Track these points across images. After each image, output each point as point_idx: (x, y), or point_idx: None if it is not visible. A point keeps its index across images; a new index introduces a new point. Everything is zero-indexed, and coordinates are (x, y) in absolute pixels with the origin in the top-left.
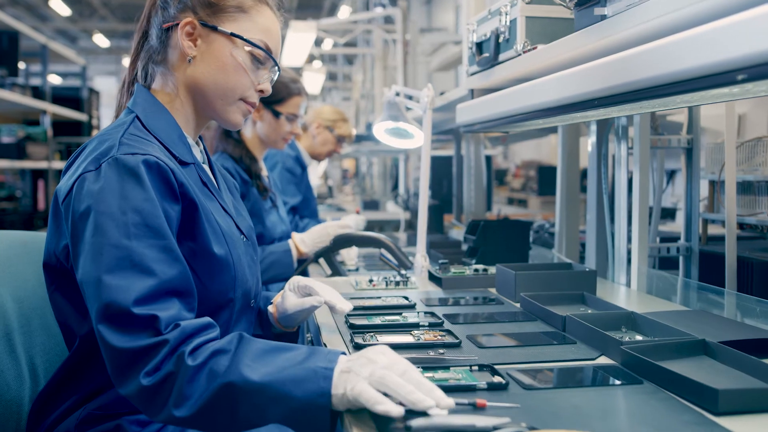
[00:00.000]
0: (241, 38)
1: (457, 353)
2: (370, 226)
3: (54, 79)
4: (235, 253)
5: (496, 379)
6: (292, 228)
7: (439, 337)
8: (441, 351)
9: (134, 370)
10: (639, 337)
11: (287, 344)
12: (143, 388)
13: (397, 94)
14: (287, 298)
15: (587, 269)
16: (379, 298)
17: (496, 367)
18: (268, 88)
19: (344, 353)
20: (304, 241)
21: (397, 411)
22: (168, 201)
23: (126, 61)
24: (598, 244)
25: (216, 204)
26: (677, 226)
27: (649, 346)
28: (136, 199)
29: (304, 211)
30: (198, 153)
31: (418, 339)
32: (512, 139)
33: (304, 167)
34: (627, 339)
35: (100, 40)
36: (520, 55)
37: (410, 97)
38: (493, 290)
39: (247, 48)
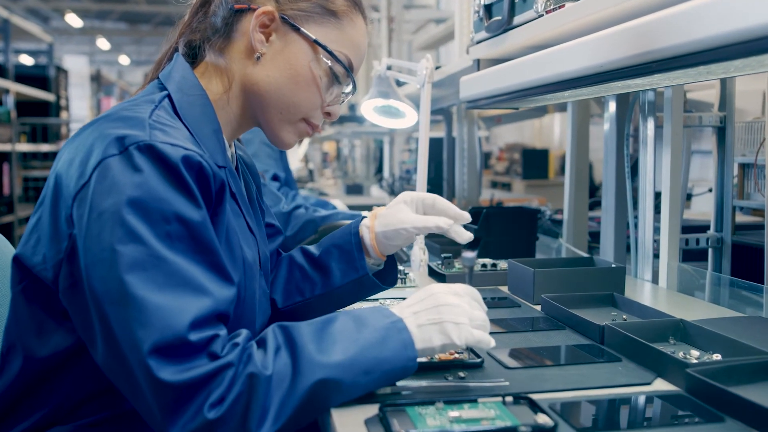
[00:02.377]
0: (326, 49)
1: (481, 377)
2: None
3: (26, 61)
4: (250, 287)
5: (541, 418)
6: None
7: (456, 355)
8: (461, 374)
9: (194, 404)
10: (695, 353)
11: (325, 318)
12: (210, 423)
13: (389, 68)
14: (400, 212)
15: (614, 265)
16: (376, 300)
17: (534, 397)
18: (337, 112)
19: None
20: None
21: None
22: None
23: (101, 42)
24: (617, 235)
25: (242, 221)
26: (693, 213)
27: (719, 369)
28: (179, 204)
29: (282, 182)
30: (229, 156)
31: (432, 357)
32: (503, 119)
33: None
34: (682, 355)
35: (73, 20)
36: (541, 16)
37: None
38: (504, 288)
39: (329, 62)
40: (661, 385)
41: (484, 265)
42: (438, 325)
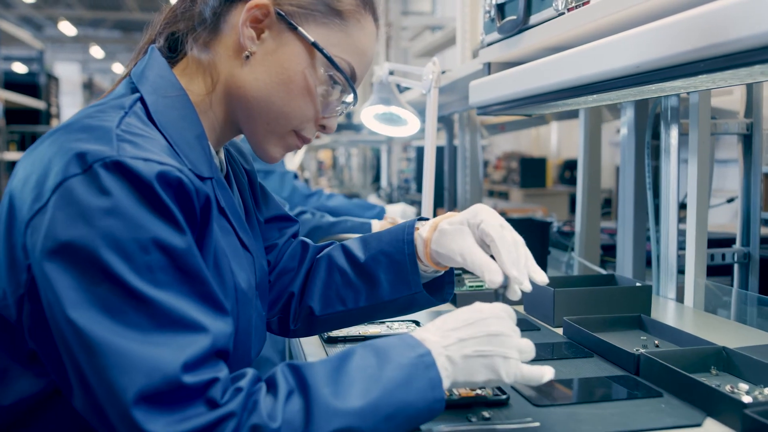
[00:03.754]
0: (325, 54)
1: (508, 417)
2: None
3: (20, 68)
4: (244, 316)
5: None
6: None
7: (479, 390)
8: (486, 415)
9: None
10: (744, 386)
11: (342, 353)
12: None
13: (391, 73)
14: (460, 236)
15: (639, 284)
16: (383, 323)
17: None
18: (333, 125)
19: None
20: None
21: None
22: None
23: (96, 51)
24: (636, 250)
25: (233, 239)
26: (709, 225)
27: None
28: (158, 229)
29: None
30: (217, 163)
31: (451, 394)
32: (506, 127)
33: None
34: (729, 388)
35: (67, 28)
36: (561, 14)
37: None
38: (520, 308)
39: (328, 69)
40: (712, 427)
41: None
42: (486, 358)
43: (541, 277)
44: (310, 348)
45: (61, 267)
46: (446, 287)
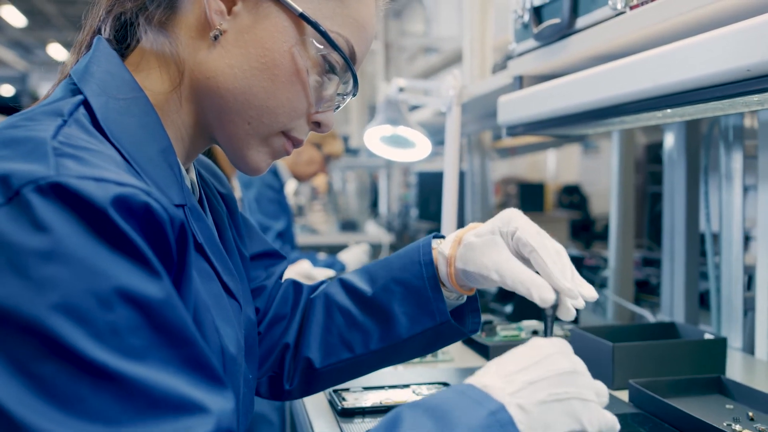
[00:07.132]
0: (318, 29)
1: None
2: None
3: (7, 91)
4: (233, 386)
5: None
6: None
7: None
8: None
9: None
10: None
11: (386, 421)
12: None
13: (401, 90)
14: (492, 248)
15: (711, 337)
16: (407, 386)
17: None
18: (329, 121)
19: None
20: None
21: None
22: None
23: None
24: (689, 290)
25: (215, 285)
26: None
27: None
28: (122, 274)
29: (285, 238)
30: (189, 185)
31: None
32: (517, 150)
33: (281, 184)
34: None
35: (57, 52)
36: (621, 14)
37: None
38: None
39: (321, 48)
40: None
41: (535, 331)
42: (563, 403)
43: (590, 292)
44: (320, 424)
45: None
46: (469, 317)
